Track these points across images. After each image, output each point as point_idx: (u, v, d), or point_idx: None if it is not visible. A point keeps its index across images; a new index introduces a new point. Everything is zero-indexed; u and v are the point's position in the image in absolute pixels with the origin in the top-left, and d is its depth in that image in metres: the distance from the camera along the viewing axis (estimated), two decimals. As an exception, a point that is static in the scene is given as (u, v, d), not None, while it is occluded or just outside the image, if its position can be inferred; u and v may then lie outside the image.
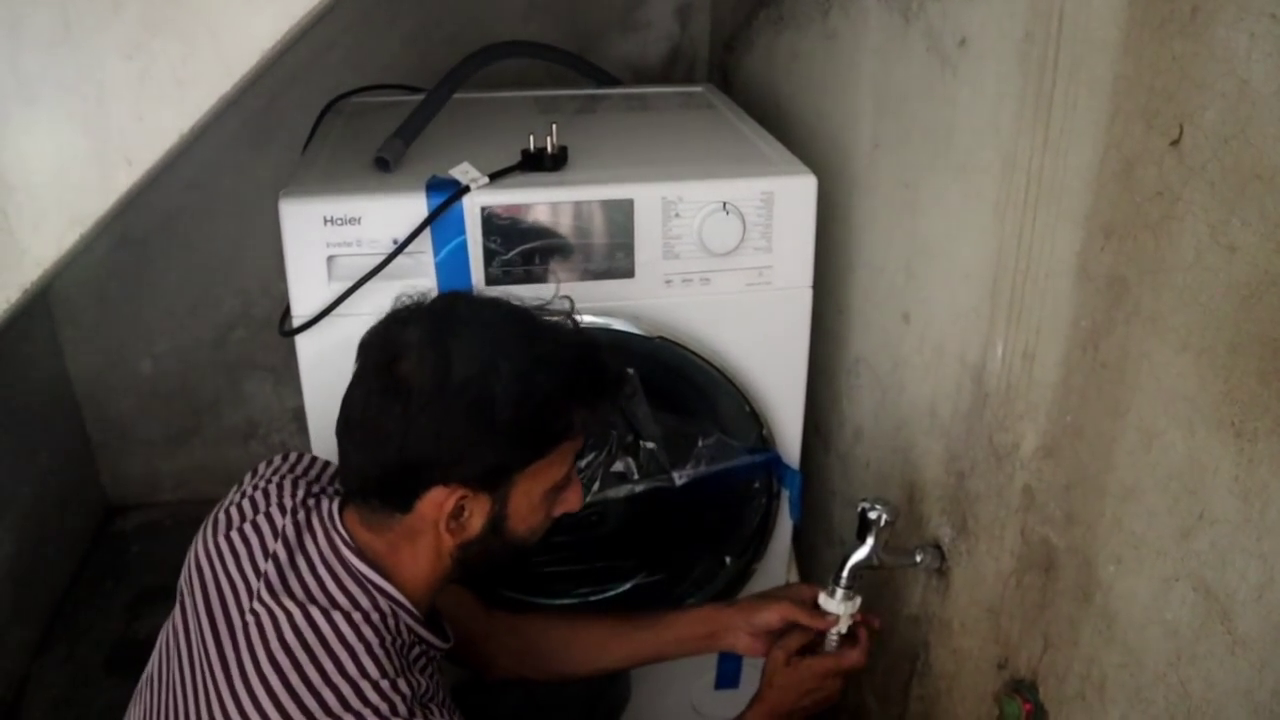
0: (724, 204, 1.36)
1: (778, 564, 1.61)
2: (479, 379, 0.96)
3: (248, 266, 2.45)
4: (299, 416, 2.55)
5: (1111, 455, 0.98)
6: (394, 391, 0.96)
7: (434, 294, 1.08)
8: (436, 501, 0.99)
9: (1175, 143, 0.86)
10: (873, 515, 1.28)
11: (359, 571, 1.02)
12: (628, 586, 1.55)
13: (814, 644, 1.34)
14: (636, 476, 1.41)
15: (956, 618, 1.34)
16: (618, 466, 1.42)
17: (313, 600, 0.98)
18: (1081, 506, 1.04)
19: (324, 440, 1.40)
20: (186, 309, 2.48)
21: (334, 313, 1.34)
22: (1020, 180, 1.10)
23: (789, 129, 1.76)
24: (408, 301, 1.05)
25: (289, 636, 0.95)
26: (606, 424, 1.17)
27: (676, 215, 1.36)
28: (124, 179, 0.99)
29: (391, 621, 1.01)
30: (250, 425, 2.63)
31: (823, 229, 1.46)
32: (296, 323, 1.36)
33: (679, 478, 1.41)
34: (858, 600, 1.32)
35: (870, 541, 1.29)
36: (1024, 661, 1.19)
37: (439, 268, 1.35)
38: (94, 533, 2.53)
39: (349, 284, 1.32)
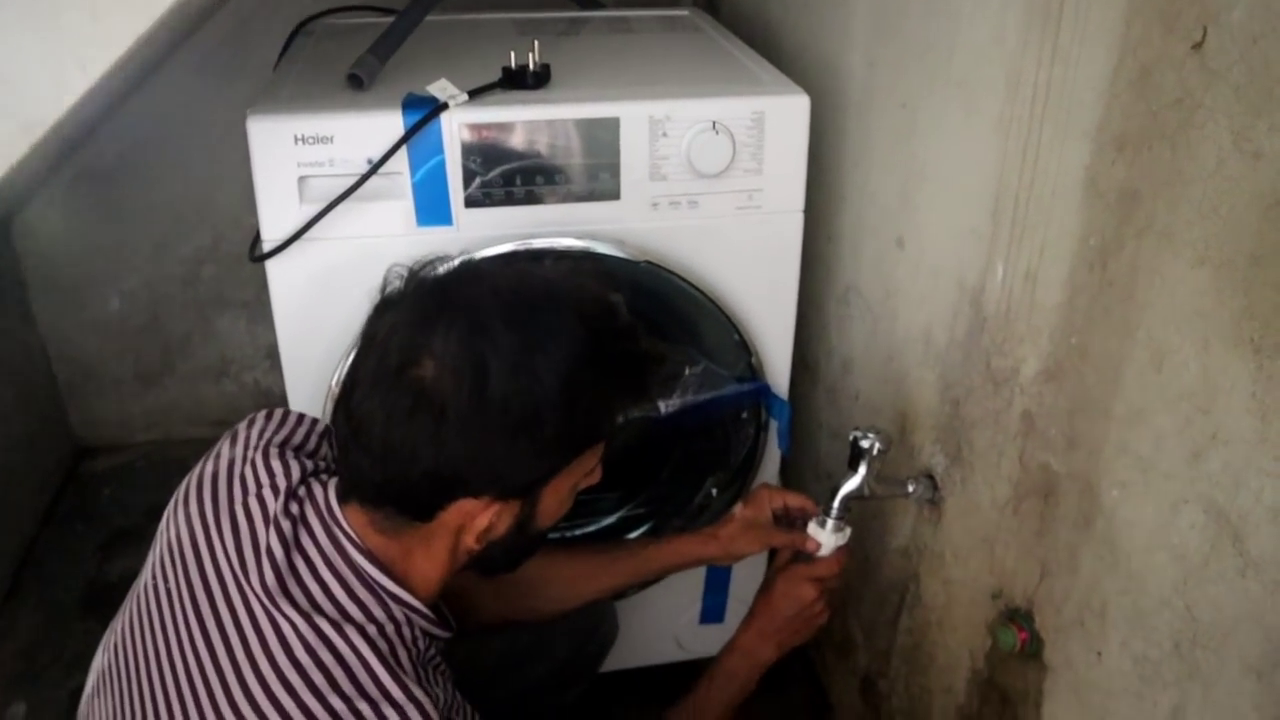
0: (713, 123, 1.31)
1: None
2: (522, 393, 0.86)
3: (218, 200, 2.37)
4: (273, 353, 2.50)
5: (1118, 377, 0.95)
6: (423, 407, 0.85)
7: (433, 266, 0.95)
8: (465, 511, 0.91)
9: (1197, 45, 0.82)
10: (865, 444, 1.25)
11: (372, 579, 0.92)
12: (612, 520, 1.52)
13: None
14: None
15: (949, 549, 1.32)
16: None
17: (319, 610, 0.89)
18: (1085, 431, 1.01)
19: (298, 377, 1.36)
20: (155, 244, 2.40)
21: (306, 236, 1.29)
22: (1026, 95, 1.05)
23: (779, 52, 1.70)
24: (402, 276, 0.94)
25: (300, 653, 0.86)
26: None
27: (664, 135, 1.31)
28: (78, 84, 0.92)
29: (407, 630, 0.93)
30: (223, 363, 2.57)
31: (815, 153, 1.42)
32: (267, 247, 1.31)
33: (665, 407, 1.37)
34: (848, 531, 1.30)
35: (862, 471, 1.27)
36: (1019, 591, 1.16)
37: (416, 189, 1.29)
38: (64, 475, 2.48)
39: (321, 206, 1.27)
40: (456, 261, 1.00)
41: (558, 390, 0.87)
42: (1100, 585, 1.01)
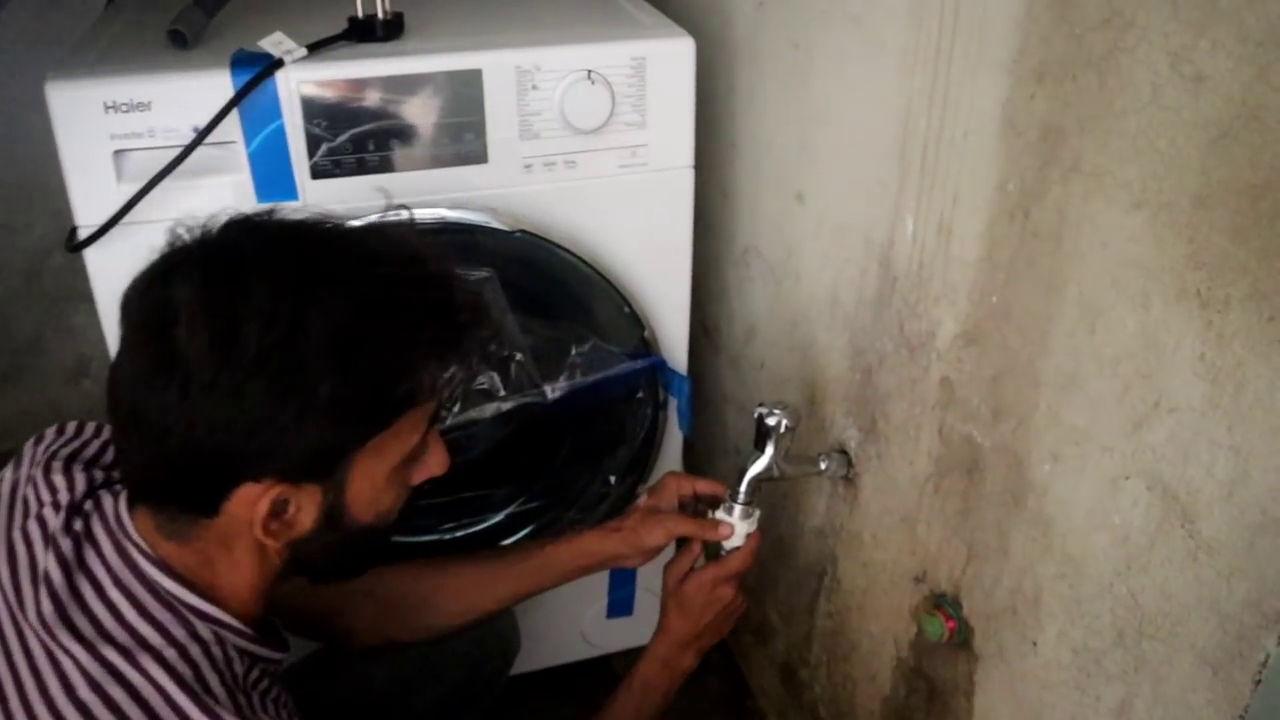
0: (588, 73, 1.17)
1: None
2: (282, 344, 0.71)
3: (60, 184, 2.15)
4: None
5: (1046, 339, 0.85)
6: (167, 368, 0.72)
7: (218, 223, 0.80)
8: (247, 501, 0.76)
9: (1125, -47, 0.71)
10: (771, 421, 1.14)
11: (167, 593, 0.79)
12: (500, 517, 1.39)
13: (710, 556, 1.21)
14: (504, 393, 1.24)
15: (867, 529, 1.22)
16: (482, 382, 1.24)
17: (107, 639, 0.75)
18: (1011, 399, 0.91)
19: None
20: (-10, 233, 2.17)
21: (127, 220, 1.12)
22: (931, 26, 0.94)
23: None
24: (185, 237, 0.78)
25: (83, 692, 0.73)
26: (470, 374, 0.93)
27: (533, 88, 1.17)
28: None
29: (217, 650, 0.80)
30: (80, 362, 2.35)
31: (703, 103, 1.29)
32: (83, 234, 1.14)
33: (552, 391, 1.24)
34: (757, 514, 1.19)
35: (769, 451, 1.15)
36: (944, 575, 1.07)
37: (253, 160, 1.13)
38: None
39: (142, 183, 1.10)
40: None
41: (329, 343, 0.72)
42: (1033, 569, 0.92)
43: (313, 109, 1.13)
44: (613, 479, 1.37)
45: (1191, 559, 0.74)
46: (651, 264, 1.30)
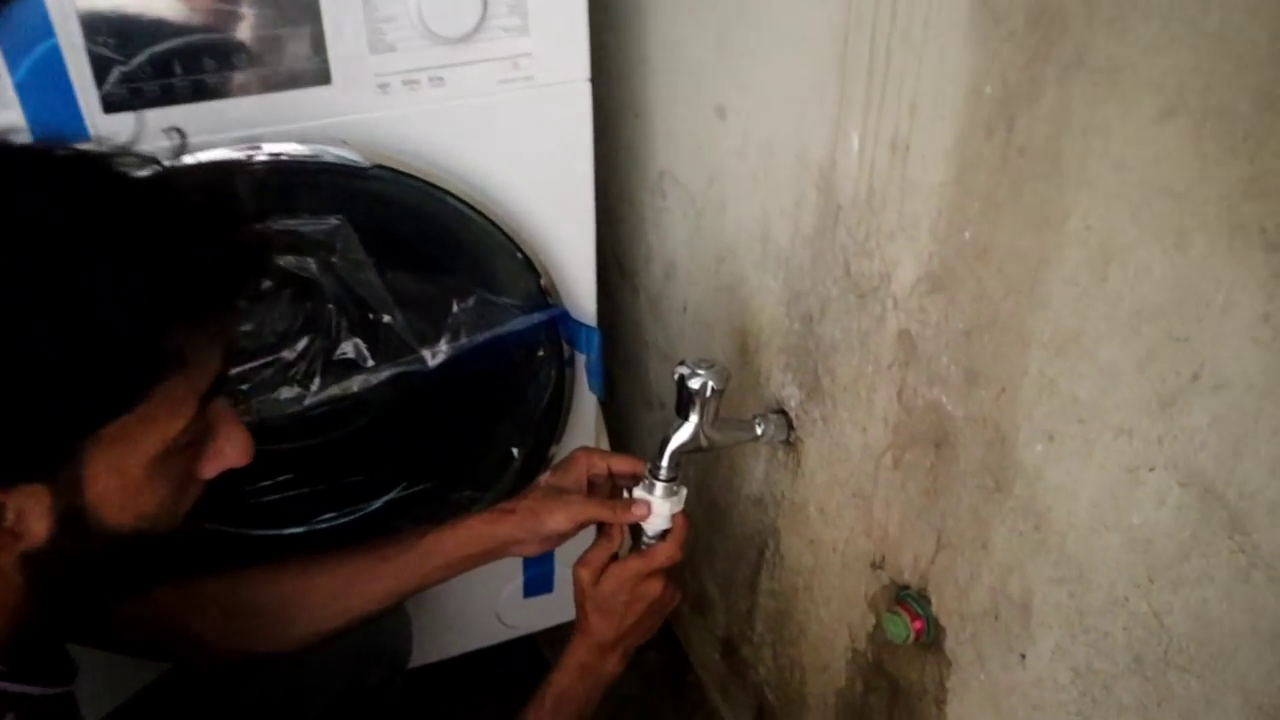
0: (450, -37, 0.94)
1: (583, 444, 1.27)
2: None
3: None
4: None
5: (1038, 287, 0.66)
6: None
7: None
8: None
9: None
10: (694, 384, 0.94)
11: None
12: (378, 505, 1.17)
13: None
14: (372, 363, 1.03)
15: (813, 501, 1.04)
16: (345, 351, 1.03)
17: None
18: (989, 361, 0.72)
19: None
20: None
21: None
22: (874, -120, 0.72)
23: None
24: None
25: None
26: (253, 336, 0.74)
27: (382, -15, 0.93)
28: None
29: None
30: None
31: (601, 2, 1.06)
32: None
33: (432, 357, 1.03)
34: (683, 493, 1.00)
35: (694, 419, 0.96)
36: (908, 563, 0.89)
37: (21, 91, 0.88)
38: None
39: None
40: None
41: (32, 298, 0.55)
42: (1022, 569, 0.74)
43: (95, 22, 0.88)
44: (515, 451, 1.17)
45: (1243, 578, 0.56)
46: (546, 198, 1.08)
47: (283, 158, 0.93)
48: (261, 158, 0.92)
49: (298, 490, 1.13)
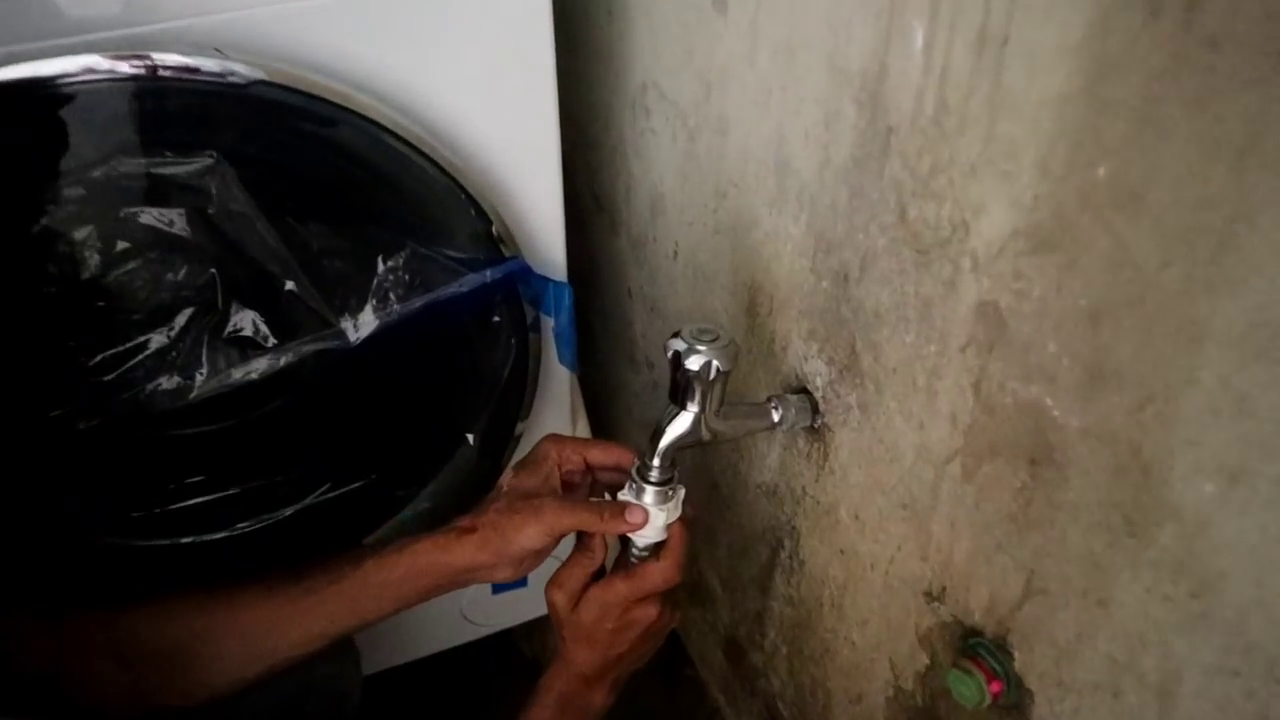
0: None
1: (555, 425, 1.04)
2: None
3: None
4: None
5: (1230, 251, 0.43)
6: None
7: None
8: None
9: None
10: (694, 363, 0.71)
11: None
12: (289, 512, 0.93)
13: (621, 560, 0.82)
14: (274, 342, 0.79)
15: (844, 503, 0.82)
16: (239, 327, 0.79)
17: None
18: (1131, 356, 0.49)
19: None
20: None
21: None
22: None
23: None
24: None
25: None
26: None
27: None
28: None
29: None
30: None
31: None
32: None
33: (354, 330, 0.80)
34: (680, 494, 0.79)
35: (693, 406, 0.74)
36: (981, 603, 0.67)
37: None
38: None
39: None
40: None
41: None
42: (1165, 643, 0.52)
43: None
44: (470, 436, 0.94)
45: None
46: (497, 120, 0.84)
47: (130, 72, 0.68)
48: (99, 73, 0.67)
49: (203, 499, 0.90)
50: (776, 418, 0.80)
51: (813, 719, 1.00)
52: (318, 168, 0.76)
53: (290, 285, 0.76)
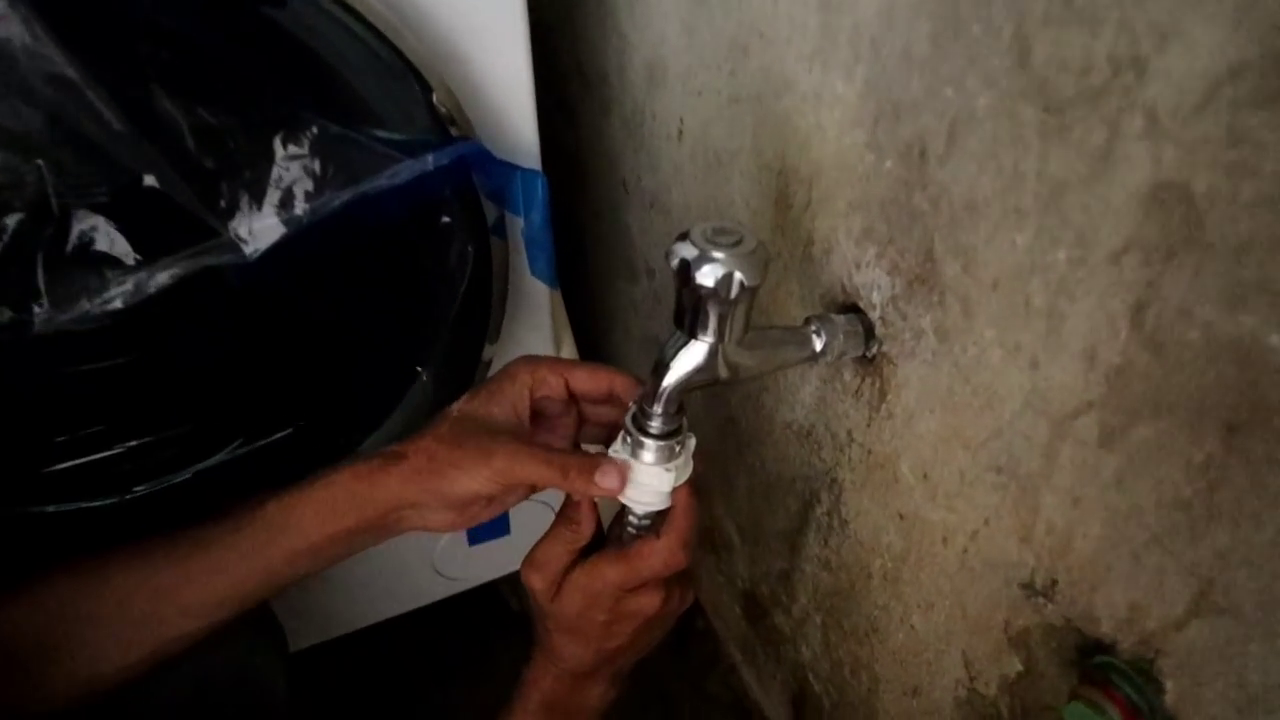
0: None
1: (533, 350, 0.84)
2: None
3: None
4: None
5: None
6: None
7: None
8: None
9: None
10: (708, 278, 0.51)
11: None
12: (203, 466, 0.74)
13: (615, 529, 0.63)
14: (138, 258, 0.59)
15: (907, 456, 0.62)
16: (89, 238, 0.59)
17: None
18: None
19: None
20: None
21: None
22: None
23: None
24: None
25: None
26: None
27: None
28: None
29: None
30: None
31: None
32: None
33: (250, 241, 0.59)
34: (689, 447, 0.60)
35: (707, 336, 0.54)
36: (1115, 611, 0.48)
37: None
38: None
39: None
40: None
41: None
42: None
43: None
44: (421, 371, 0.74)
45: None
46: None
47: None
48: None
49: (91, 450, 0.70)
50: (819, 345, 0.60)
51: (855, 703, 0.82)
52: (183, 17, 0.55)
53: (150, 180, 0.55)
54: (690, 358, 0.55)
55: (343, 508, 0.60)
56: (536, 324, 0.81)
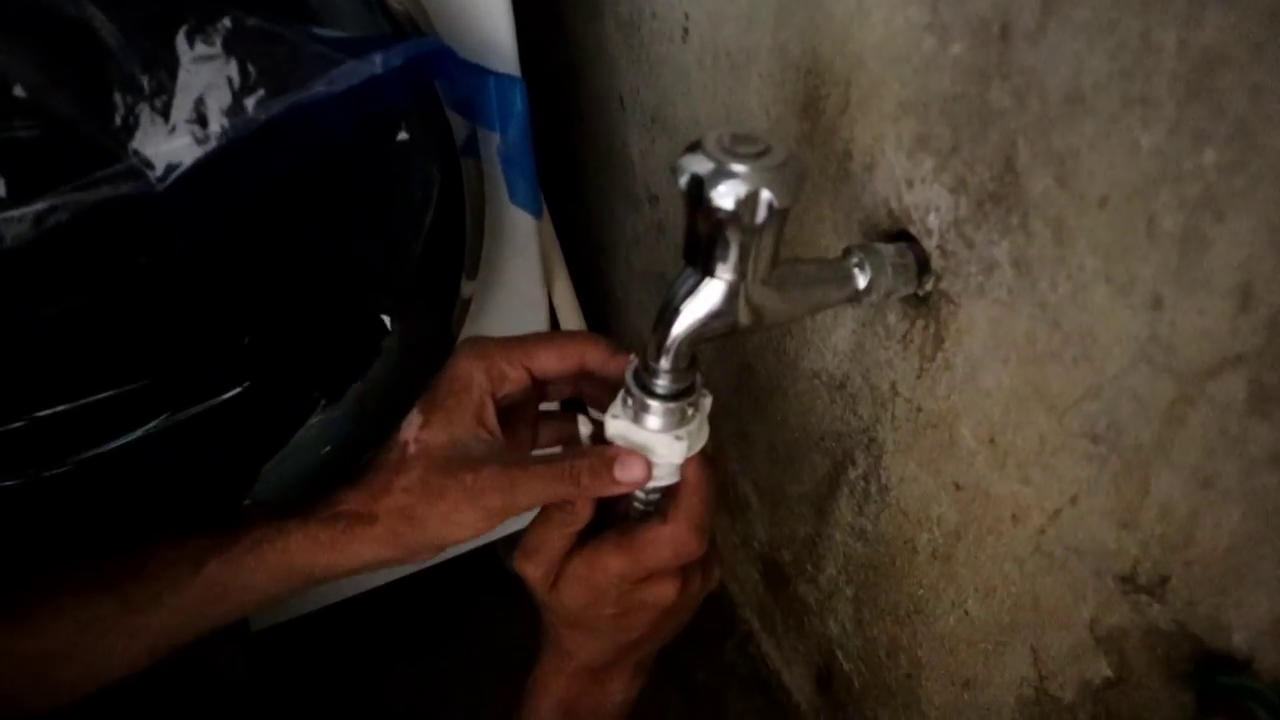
0: None
1: (519, 288, 0.73)
2: None
3: None
4: None
5: None
6: None
7: None
8: None
9: None
10: (724, 198, 0.40)
11: None
12: (121, 443, 0.63)
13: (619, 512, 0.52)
14: (4, 193, 0.47)
15: (966, 415, 0.51)
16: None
17: None
18: None
19: None
20: None
21: None
22: None
23: None
24: None
25: None
26: None
27: None
28: None
29: None
30: None
31: None
32: None
33: (157, 167, 0.48)
34: (704, 409, 0.49)
35: (726, 273, 0.43)
36: (1255, 624, 0.37)
37: None
38: None
39: None
40: None
41: None
42: None
43: None
44: (387, 320, 0.63)
45: None
46: None
47: None
48: None
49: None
50: (862, 282, 0.49)
51: (891, 686, 0.72)
52: None
53: (19, 91, 0.44)
54: (705, 300, 0.44)
55: (302, 573, 0.50)
56: (522, 257, 0.70)
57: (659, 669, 0.59)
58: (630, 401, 0.48)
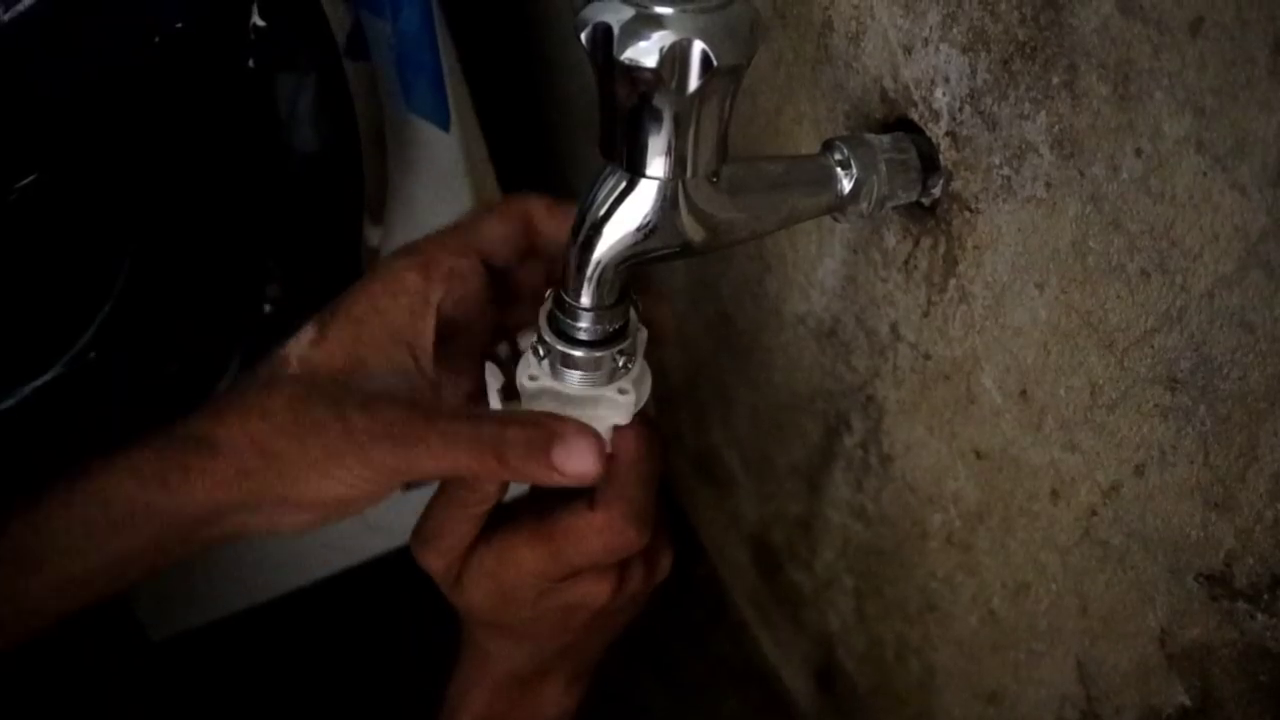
0: None
1: (438, 220, 0.61)
2: None
3: None
4: None
5: None
6: None
7: None
8: None
9: None
10: (647, 54, 0.28)
11: None
12: (31, 390, 0.52)
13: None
14: None
15: (989, 363, 0.39)
16: None
17: None
18: None
19: None
20: None
21: None
22: None
23: None
24: None
25: None
26: None
27: None
28: None
29: None
30: None
31: None
32: None
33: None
34: (642, 339, 0.37)
35: (660, 166, 0.31)
36: None
37: None
38: None
39: None
40: None
41: None
42: None
43: None
44: (271, 266, 0.51)
45: None
46: None
47: None
48: None
49: None
50: (846, 184, 0.36)
51: (901, 693, 0.60)
52: None
53: None
54: (634, 209, 0.32)
55: (124, 525, 0.37)
56: (442, 188, 0.57)
57: (641, 662, 0.48)
58: (542, 351, 0.36)
